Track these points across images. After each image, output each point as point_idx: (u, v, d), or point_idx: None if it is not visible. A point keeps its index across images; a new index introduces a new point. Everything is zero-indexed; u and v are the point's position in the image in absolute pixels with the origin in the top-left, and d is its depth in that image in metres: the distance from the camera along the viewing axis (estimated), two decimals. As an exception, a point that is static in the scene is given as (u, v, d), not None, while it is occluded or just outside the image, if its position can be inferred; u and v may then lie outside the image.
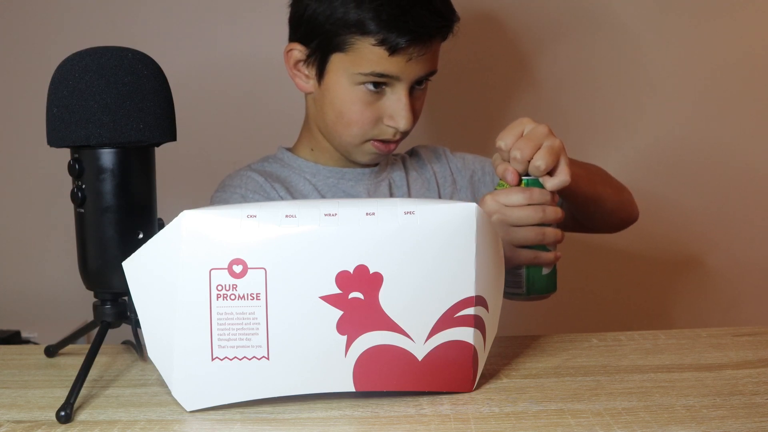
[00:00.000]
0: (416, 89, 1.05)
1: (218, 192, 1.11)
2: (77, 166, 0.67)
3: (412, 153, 1.23)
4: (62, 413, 0.61)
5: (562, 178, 0.86)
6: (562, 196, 0.97)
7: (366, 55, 1.00)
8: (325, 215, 0.61)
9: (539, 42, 1.62)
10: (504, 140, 0.87)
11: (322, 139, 1.11)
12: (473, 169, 1.21)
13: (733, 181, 1.67)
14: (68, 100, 0.65)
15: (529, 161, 0.85)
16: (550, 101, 1.63)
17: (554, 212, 0.87)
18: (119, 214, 0.68)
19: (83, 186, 0.67)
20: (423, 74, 1.04)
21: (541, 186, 0.87)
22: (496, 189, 0.89)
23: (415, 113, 1.05)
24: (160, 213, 0.71)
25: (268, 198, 1.07)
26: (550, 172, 0.87)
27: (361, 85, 1.02)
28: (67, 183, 0.68)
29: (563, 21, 1.62)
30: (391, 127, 1.04)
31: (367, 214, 0.62)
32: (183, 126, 0.76)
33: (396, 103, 1.03)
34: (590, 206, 1.07)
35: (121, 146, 0.67)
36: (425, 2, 1.00)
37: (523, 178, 0.87)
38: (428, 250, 0.62)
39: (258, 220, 0.61)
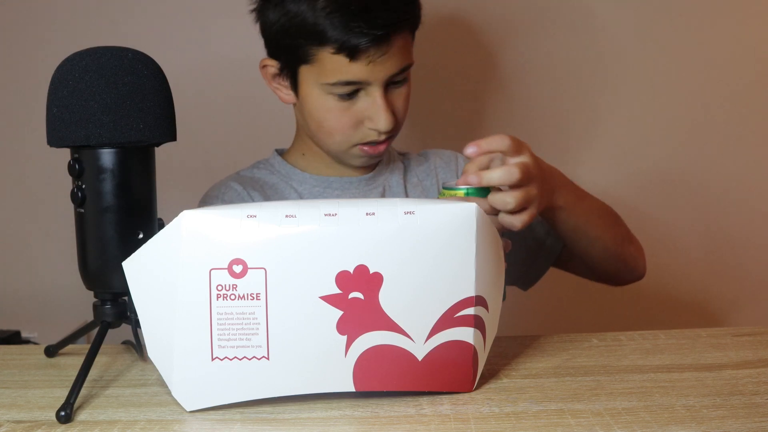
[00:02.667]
0: (394, 87, 1.03)
1: (200, 201, 1.12)
2: (77, 166, 0.67)
3: (422, 156, 1.21)
4: (62, 413, 0.61)
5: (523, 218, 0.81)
6: (553, 223, 0.94)
7: (328, 64, 0.99)
8: (325, 215, 0.61)
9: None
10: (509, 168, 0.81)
11: (312, 145, 1.11)
12: None
13: (733, 181, 1.67)
14: (68, 100, 0.65)
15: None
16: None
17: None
18: (119, 214, 0.68)
19: (83, 186, 0.67)
20: (394, 71, 1.01)
21: (483, 196, 0.81)
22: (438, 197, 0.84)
23: (397, 111, 1.03)
24: (160, 213, 0.71)
25: None
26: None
27: (333, 94, 1.01)
28: (67, 183, 0.68)
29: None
30: (372, 129, 1.03)
31: (367, 214, 0.62)
32: (183, 126, 0.76)
33: (372, 105, 1.01)
34: (582, 240, 1.01)
35: (121, 146, 0.67)
36: (376, 1, 0.97)
37: (464, 187, 0.81)
38: (428, 250, 0.62)
39: (258, 220, 0.61)
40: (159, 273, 0.61)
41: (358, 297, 0.62)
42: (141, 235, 0.68)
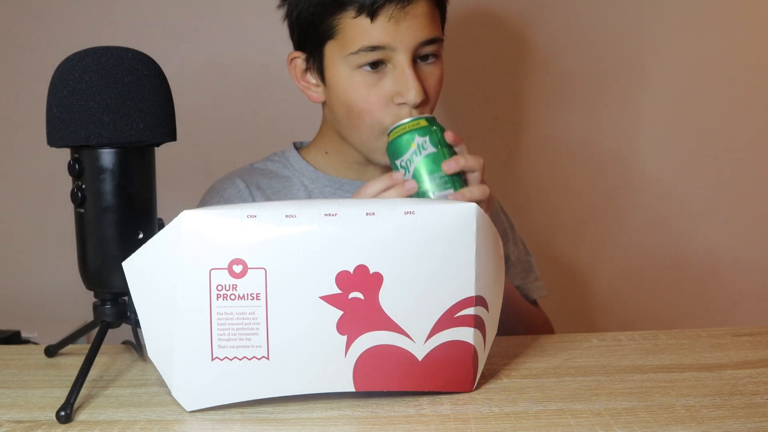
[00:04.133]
0: (422, 63, 1.01)
1: (204, 194, 1.12)
2: (77, 166, 0.67)
3: None
4: (62, 413, 0.61)
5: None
6: None
7: (351, 31, 0.98)
8: (325, 215, 0.61)
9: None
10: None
11: (338, 142, 1.08)
12: (504, 229, 1.18)
13: (733, 180, 1.67)
14: (68, 100, 0.65)
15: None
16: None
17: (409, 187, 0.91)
18: (119, 214, 0.68)
19: (83, 186, 0.67)
20: (420, 40, 0.98)
21: (429, 126, 0.93)
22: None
23: (428, 90, 1.00)
24: (160, 213, 0.71)
25: None
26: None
27: (359, 68, 0.99)
28: (67, 183, 0.68)
29: None
30: (402, 104, 0.99)
31: (367, 214, 0.62)
32: (183, 126, 0.76)
33: (399, 76, 0.98)
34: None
35: (121, 146, 0.67)
36: None
37: (410, 118, 0.95)
38: (428, 250, 0.62)
39: (258, 220, 0.61)
40: (159, 273, 0.61)
41: (358, 297, 0.62)
42: (141, 235, 0.68)
